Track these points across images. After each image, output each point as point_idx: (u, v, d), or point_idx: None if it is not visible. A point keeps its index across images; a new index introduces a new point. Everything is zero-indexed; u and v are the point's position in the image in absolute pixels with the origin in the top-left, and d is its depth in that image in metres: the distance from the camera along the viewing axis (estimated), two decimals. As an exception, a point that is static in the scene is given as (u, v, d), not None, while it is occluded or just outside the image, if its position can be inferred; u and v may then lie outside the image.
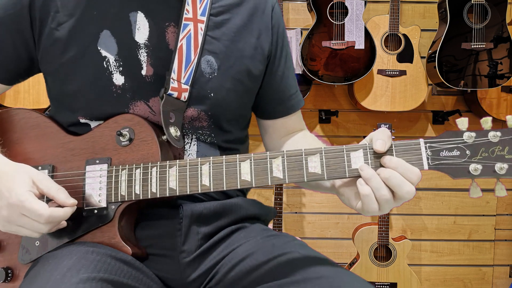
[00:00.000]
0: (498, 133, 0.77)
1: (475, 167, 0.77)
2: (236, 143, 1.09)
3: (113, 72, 0.95)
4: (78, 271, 0.76)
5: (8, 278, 0.93)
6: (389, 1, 2.60)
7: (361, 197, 0.80)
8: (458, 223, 2.91)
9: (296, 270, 0.84)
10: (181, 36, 0.96)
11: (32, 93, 2.50)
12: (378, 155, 0.81)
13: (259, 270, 0.88)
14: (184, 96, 0.97)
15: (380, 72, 2.60)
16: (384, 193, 0.78)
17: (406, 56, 2.60)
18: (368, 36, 2.52)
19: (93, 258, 0.81)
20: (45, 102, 2.50)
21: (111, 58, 0.95)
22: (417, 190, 2.91)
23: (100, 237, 0.91)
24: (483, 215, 2.90)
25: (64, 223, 0.89)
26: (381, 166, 0.81)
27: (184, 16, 0.97)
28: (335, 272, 0.84)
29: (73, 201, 0.88)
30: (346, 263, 2.74)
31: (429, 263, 2.92)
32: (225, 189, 0.86)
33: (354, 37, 2.52)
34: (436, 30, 2.63)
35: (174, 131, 0.95)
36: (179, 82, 0.96)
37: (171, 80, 0.95)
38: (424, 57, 2.66)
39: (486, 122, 0.78)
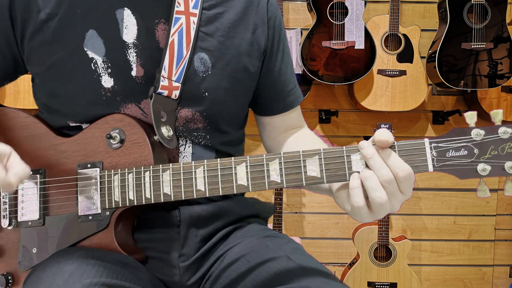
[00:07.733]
0: (509, 130, 0.73)
1: (483, 167, 0.73)
2: (233, 144, 1.06)
3: (101, 75, 0.90)
4: (81, 276, 0.75)
5: (9, 284, 0.91)
6: (389, 1, 2.60)
7: (349, 191, 0.75)
8: (458, 223, 2.91)
9: (283, 278, 0.82)
10: (172, 31, 0.90)
11: (32, 93, 2.48)
12: None
13: (249, 276, 0.86)
14: (175, 94, 0.92)
15: (380, 72, 2.60)
16: (386, 177, 0.73)
17: (406, 56, 2.60)
18: (368, 36, 2.52)
19: (94, 262, 0.79)
20: (44, 102, 2.49)
21: (99, 60, 0.90)
22: (417, 190, 2.90)
23: (97, 244, 0.88)
24: (483, 215, 2.89)
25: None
26: None
27: (176, 9, 0.91)
28: (322, 284, 0.80)
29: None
30: (346, 263, 2.74)
31: (429, 263, 2.92)
32: (221, 194, 0.83)
33: (354, 37, 2.51)
34: (436, 30, 2.63)
35: (166, 131, 0.91)
36: (170, 80, 0.91)
37: (162, 78, 0.90)
38: (424, 57, 2.66)
39: (497, 115, 0.73)
